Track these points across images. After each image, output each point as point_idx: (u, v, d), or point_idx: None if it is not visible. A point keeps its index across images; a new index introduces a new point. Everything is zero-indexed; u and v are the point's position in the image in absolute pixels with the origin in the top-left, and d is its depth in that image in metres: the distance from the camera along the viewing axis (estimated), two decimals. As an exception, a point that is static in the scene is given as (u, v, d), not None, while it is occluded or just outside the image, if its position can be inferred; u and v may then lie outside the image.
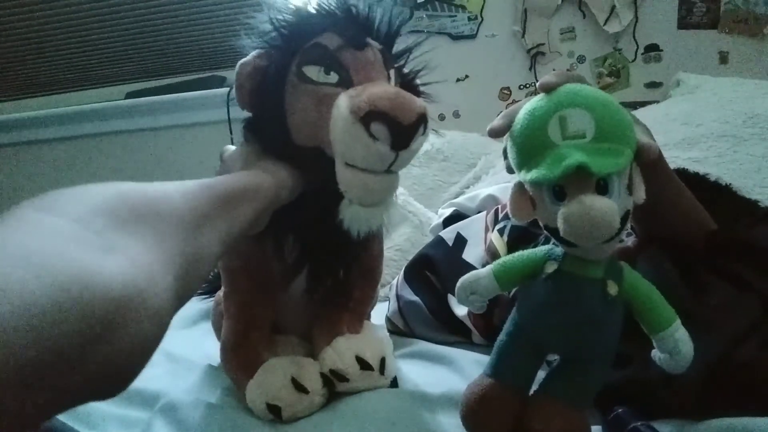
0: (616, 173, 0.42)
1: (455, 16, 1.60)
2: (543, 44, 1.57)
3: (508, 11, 1.57)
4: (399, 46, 0.61)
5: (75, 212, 0.28)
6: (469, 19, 1.60)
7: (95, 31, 1.75)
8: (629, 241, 0.71)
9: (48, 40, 1.77)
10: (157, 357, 0.33)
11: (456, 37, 1.61)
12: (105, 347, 0.24)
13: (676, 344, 0.44)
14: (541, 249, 0.50)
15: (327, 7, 0.57)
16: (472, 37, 1.61)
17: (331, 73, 0.53)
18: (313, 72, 0.53)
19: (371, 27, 0.58)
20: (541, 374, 0.52)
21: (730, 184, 0.74)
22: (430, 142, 1.42)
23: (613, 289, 0.45)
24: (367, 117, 0.48)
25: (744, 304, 0.55)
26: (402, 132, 0.48)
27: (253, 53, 0.56)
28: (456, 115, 1.64)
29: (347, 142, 0.50)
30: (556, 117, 0.43)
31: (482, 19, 1.59)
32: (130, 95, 1.79)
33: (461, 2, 1.59)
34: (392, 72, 0.58)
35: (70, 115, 1.78)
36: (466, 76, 1.63)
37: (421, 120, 0.49)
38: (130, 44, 1.77)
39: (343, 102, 0.50)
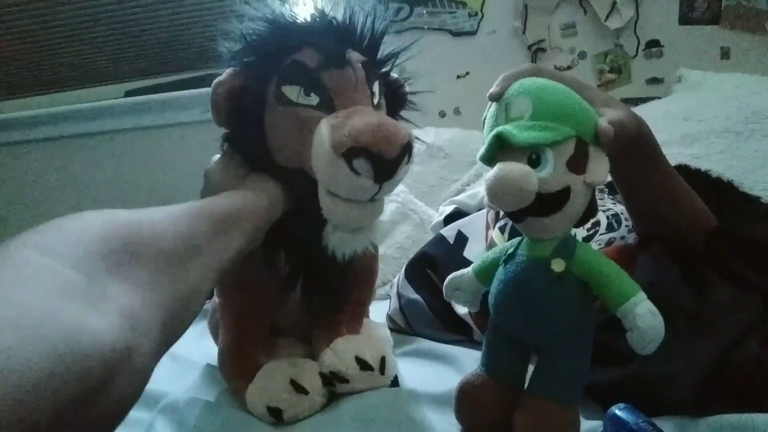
0: (548, 146, 0.44)
1: (455, 12, 1.59)
2: (544, 40, 1.56)
3: (508, 7, 1.57)
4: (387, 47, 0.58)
5: (72, 253, 0.28)
6: (470, 15, 1.59)
7: (94, 30, 1.74)
8: (630, 238, 0.71)
9: (47, 39, 1.76)
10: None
11: (456, 34, 1.61)
12: (92, 409, 0.24)
13: (634, 319, 0.41)
14: (514, 240, 0.51)
15: (305, 19, 0.54)
16: (472, 33, 1.60)
17: (312, 94, 0.50)
18: (292, 92, 0.51)
19: (353, 36, 0.55)
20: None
21: (732, 180, 0.74)
22: (431, 139, 1.42)
23: (558, 266, 0.45)
24: (349, 153, 0.46)
25: (745, 303, 0.55)
26: (385, 166, 0.47)
27: (228, 71, 0.54)
28: (457, 112, 1.64)
29: (329, 175, 0.48)
30: (502, 105, 0.49)
31: (482, 16, 1.59)
32: (129, 93, 1.79)
33: (461, -2, 1.58)
34: (376, 85, 0.55)
35: (69, 113, 1.77)
36: (467, 73, 1.62)
37: (405, 151, 0.48)
38: (129, 42, 1.77)
39: (324, 131, 0.48)
